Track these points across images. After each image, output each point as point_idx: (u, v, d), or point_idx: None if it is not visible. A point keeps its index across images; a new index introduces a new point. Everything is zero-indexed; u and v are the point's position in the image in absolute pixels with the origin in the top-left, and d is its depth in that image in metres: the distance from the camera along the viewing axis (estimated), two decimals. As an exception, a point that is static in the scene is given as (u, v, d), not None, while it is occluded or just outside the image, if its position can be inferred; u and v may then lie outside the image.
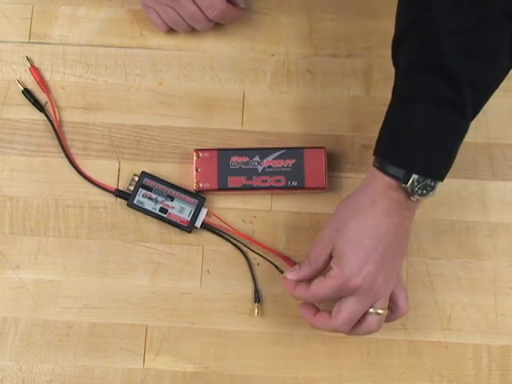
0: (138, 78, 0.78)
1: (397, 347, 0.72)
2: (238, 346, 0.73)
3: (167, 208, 0.74)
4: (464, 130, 0.63)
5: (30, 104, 0.77)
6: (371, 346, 0.72)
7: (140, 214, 0.75)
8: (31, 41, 0.80)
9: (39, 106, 0.77)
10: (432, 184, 0.62)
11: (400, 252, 0.66)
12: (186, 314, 0.74)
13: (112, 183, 0.76)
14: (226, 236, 0.74)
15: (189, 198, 0.74)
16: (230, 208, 0.75)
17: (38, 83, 0.78)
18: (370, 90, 0.77)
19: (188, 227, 0.74)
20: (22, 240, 0.75)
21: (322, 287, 0.64)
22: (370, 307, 0.65)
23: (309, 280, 0.67)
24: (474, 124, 0.63)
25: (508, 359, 0.72)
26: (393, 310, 0.67)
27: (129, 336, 0.73)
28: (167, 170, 0.76)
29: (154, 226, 0.75)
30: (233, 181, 0.74)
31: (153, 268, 0.74)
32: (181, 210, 0.74)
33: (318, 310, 0.67)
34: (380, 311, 0.65)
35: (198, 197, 0.74)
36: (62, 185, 0.76)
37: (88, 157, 0.77)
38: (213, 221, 0.75)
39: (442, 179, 0.63)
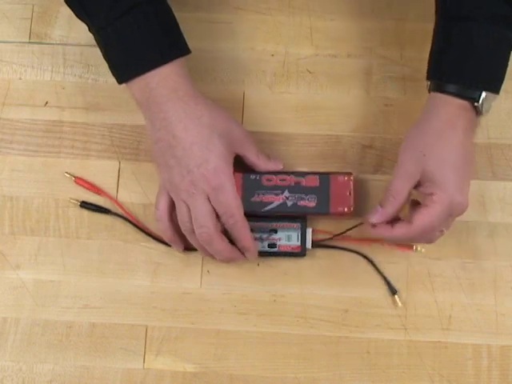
0: (138, 77, 0.78)
1: (397, 347, 0.72)
2: (238, 346, 0.73)
3: (275, 242, 0.72)
4: None
5: (30, 104, 0.77)
6: (371, 346, 0.72)
7: (140, 213, 0.75)
8: (31, 41, 0.80)
9: (104, 210, 0.75)
10: (492, 99, 0.66)
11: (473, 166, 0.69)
12: (186, 313, 0.74)
13: (112, 183, 0.76)
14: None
15: (291, 224, 0.72)
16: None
17: (90, 190, 0.75)
18: (369, 90, 0.77)
19: (302, 252, 0.72)
20: (22, 240, 0.75)
21: (427, 217, 0.63)
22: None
23: (391, 218, 0.66)
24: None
25: (508, 359, 0.72)
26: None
27: (129, 336, 0.73)
28: (167, 170, 0.76)
29: (153, 225, 0.75)
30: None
31: (153, 268, 0.74)
32: (288, 238, 0.72)
33: (394, 223, 0.66)
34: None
35: (299, 220, 0.72)
36: (62, 185, 0.76)
37: (88, 157, 0.77)
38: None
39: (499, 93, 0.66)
